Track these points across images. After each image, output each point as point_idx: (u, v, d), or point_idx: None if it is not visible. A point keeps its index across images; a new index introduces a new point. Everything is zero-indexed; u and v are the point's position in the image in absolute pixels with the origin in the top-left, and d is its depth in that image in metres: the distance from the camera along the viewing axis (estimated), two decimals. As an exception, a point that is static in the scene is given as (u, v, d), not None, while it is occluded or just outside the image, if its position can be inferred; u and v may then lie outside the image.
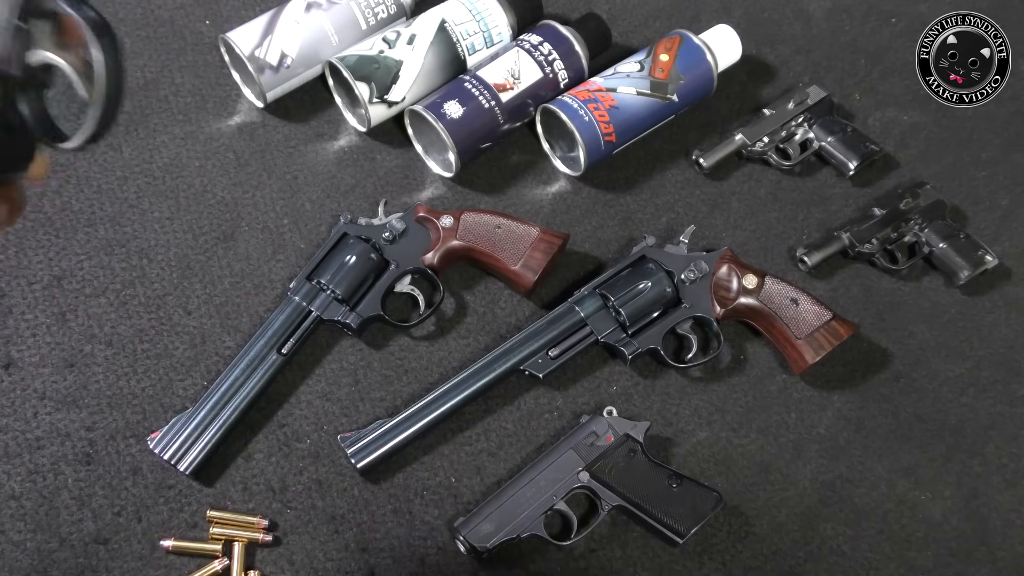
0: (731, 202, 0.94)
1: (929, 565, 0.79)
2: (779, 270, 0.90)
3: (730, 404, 0.84)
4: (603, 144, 0.89)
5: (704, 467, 0.81)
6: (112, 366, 0.79)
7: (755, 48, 1.04)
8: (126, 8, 0.96)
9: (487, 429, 0.81)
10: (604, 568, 0.76)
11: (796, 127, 0.96)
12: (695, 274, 0.83)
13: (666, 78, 0.91)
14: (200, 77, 0.94)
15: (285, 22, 0.89)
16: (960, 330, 0.90)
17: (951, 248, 0.90)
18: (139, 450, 0.76)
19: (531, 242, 0.83)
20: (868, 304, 0.90)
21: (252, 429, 0.78)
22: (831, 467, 0.82)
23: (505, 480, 0.77)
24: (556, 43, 0.91)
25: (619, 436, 0.78)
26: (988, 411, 0.86)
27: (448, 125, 0.86)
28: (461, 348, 0.84)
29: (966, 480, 0.83)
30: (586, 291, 0.82)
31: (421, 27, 0.90)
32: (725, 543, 0.78)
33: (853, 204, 0.96)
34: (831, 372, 0.86)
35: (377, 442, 0.76)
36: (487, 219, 0.84)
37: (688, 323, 0.83)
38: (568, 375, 0.83)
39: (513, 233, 0.83)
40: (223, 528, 0.74)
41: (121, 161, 0.88)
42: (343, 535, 0.75)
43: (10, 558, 0.72)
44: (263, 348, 0.78)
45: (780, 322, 0.82)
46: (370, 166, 0.92)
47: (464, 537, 0.73)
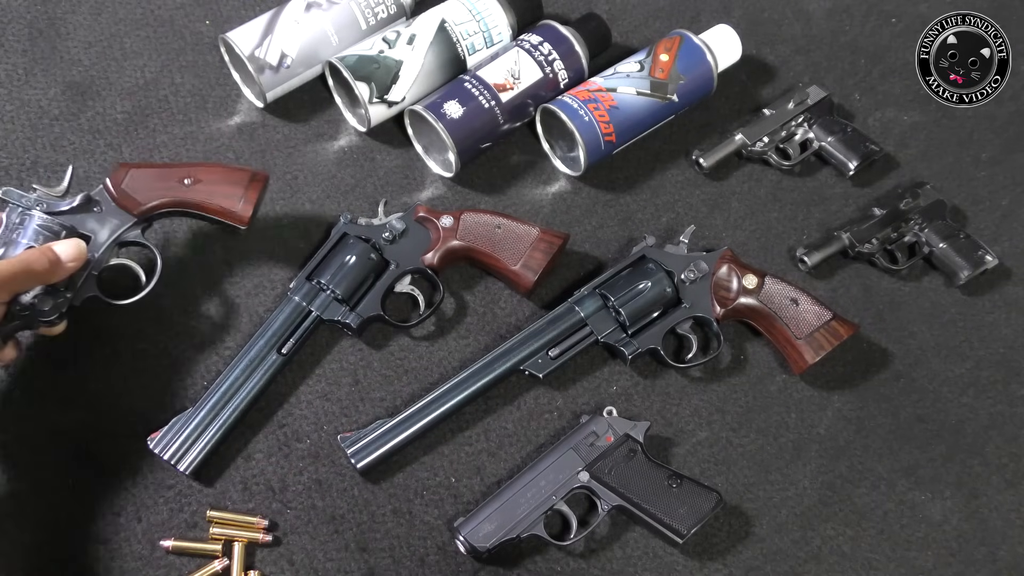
0: (731, 202, 0.94)
1: (929, 565, 0.79)
2: (779, 270, 0.90)
3: (730, 404, 0.84)
4: (603, 144, 0.89)
5: (704, 467, 0.81)
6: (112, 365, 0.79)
7: (755, 48, 1.04)
8: (126, 8, 0.96)
9: (487, 429, 0.81)
10: (604, 568, 0.76)
11: (796, 127, 0.96)
12: (695, 274, 0.83)
13: (666, 78, 0.91)
14: (200, 77, 0.94)
15: (285, 22, 0.89)
16: (960, 330, 0.90)
17: (951, 248, 0.90)
18: (139, 450, 0.76)
19: (531, 242, 0.83)
20: (868, 304, 0.90)
21: (252, 429, 0.78)
22: (831, 467, 0.82)
23: (505, 480, 0.77)
24: (556, 43, 0.91)
25: (619, 436, 0.78)
26: (988, 411, 0.86)
27: (448, 125, 0.86)
28: (461, 348, 0.84)
29: (966, 480, 0.83)
30: (586, 291, 0.82)
31: (421, 27, 0.90)
32: (725, 543, 0.78)
33: (853, 204, 0.96)
34: (831, 372, 0.86)
35: (377, 442, 0.76)
36: (487, 219, 0.84)
37: (688, 323, 0.83)
38: (568, 375, 0.83)
39: (513, 233, 0.83)
40: (223, 528, 0.74)
41: (121, 161, 0.88)
42: (343, 535, 0.75)
43: (10, 558, 0.72)
44: (263, 348, 0.78)
45: (780, 322, 0.82)
46: (370, 166, 0.92)
47: (464, 537, 0.73)
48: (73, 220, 0.74)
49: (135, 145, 0.89)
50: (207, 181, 0.77)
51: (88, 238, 0.74)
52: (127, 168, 0.77)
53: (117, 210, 0.75)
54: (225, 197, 0.78)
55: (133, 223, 0.76)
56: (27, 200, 0.73)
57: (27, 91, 0.91)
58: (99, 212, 0.75)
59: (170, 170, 0.78)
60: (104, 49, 0.94)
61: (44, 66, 0.92)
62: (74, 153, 0.88)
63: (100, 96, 0.91)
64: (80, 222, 0.74)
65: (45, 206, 0.73)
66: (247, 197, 0.78)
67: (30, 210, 0.72)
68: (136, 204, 0.76)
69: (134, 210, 0.76)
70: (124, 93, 0.92)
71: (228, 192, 0.78)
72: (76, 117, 0.90)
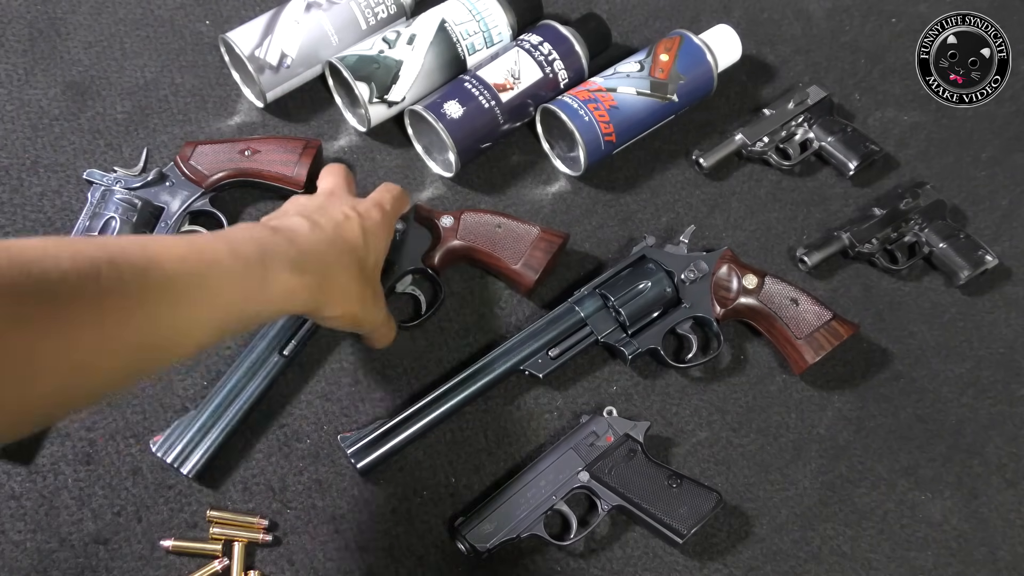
0: (731, 202, 0.94)
1: (929, 565, 0.79)
2: (779, 270, 0.90)
3: (730, 404, 0.84)
4: (603, 144, 0.89)
5: (704, 467, 0.81)
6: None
7: (755, 48, 1.04)
8: (126, 8, 0.96)
9: (487, 429, 0.81)
10: (604, 568, 0.76)
11: (796, 127, 0.96)
12: (695, 274, 0.83)
13: (666, 78, 0.91)
14: (200, 77, 0.94)
15: (285, 22, 0.89)
16: (960, 330, 0.90)
17: (951, 248, 0.90)
18: (139, 450, 0.76)
19: (531, 241, 0.83)
20: (868, 304, 0.90)
21: (252, 429, 0.78)
22: (831, 467, 0.82)
23: (505, 480, 0.77)
24: (556, 43, 0.91)
25: (619, 436, 0.78)
26: (988, 411, 0.86)
27: (448, 125, 0.86)
28: (461, 348, 0.84)
29: (966, 480, 0.83)
30: (586, 291, 0.82)
31: (421, 27, 0.90)
32: (725, 543, 0.78)
33: (853, 204, 0.96)
34: (831, 372, 0.86)
35: (377, 442, 0.76)
36: (487, 219, 0.84)
37: (688, 323, 0.83)
38: (568, 375, 0.83)
39: (513, 232, 0.83)
40: (223, 528, 0.74)
41: (121, 161, 0.88)
42: (343, 535, 0.75)
43: (10, 558, 0.72)
44: (265, 350, 0.78)
45: (780, 322, 0.82)
46: (370, 166, 0.92)
47: (464, 537, 0.73)
48: (148, 193, 0.83)
49: (135, 145, 0.89)
50: (264, 151, 0.86)
51: (162, 209, 0.83)
52: (193, 145, 0.86)
53: (186, 182, 0.84)
54: (282, 164, 0.85)
55: (201, 193, 0.84)
56: (108, 179, 0.83)
57: (27, 91, 0.91)
58: (171, 185, 0.84)
59: (231, 144, 0.86)
60: (104, 49, 0.94)
61: (44, 66, 0.92)
62: (74, 153, 0.88)
63: (100, 96, 0.91)
64: (154, 195, 0.84)
65: (124, 183, 0.83)
66: (301, 162, 0.85)
67: (112, 187, 0.82)
68: (203, 176, 0.85)
69: (202, 182, 0.85)
70: (124, 93, 0.92)
71: (284, 159, 0.85)
72: (76, 117, 0.90)
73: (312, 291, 0.62)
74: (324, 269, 0.64)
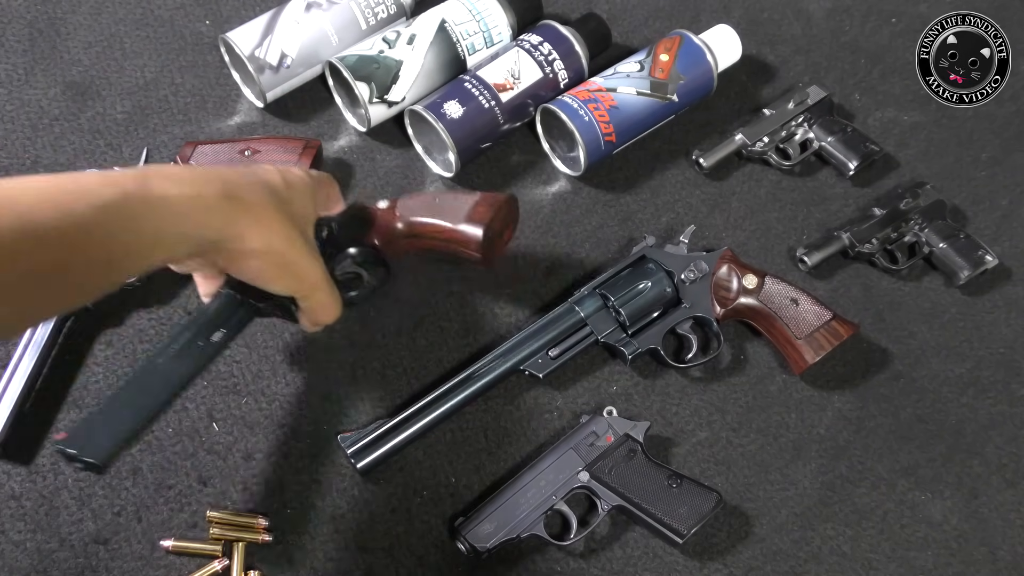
0: (731, 202, 0.94)
1: (929, 565, 0.79)
2: (779, 270, 0.90)
3: (730, 404, 0.84)
4: (603, 144, 0.89)
5: (704, 467, 0.81)
6: (112, 366, 0.79)
7: (755, 48, 1.04)
8: (126, 8, 0.96)
9: (487, 429, 0.81)
10: (604, 568, 0.76)
11: (796, 127, 0.96)
12: (695, 274, 0.83)
13: (666, 78, 0.91)
14: (200, 77, 0.94)
15: (285, 22, 0.89)
16: (960, 330, 0.90)
17: (951, 248, 0.90)
18: (138, 450, 0.76)
19: (473, 202, 0.78)
20: (868, 304, 0.90)
21: (252, 429, 0.78)
22: (831, 467, 0.82)
23: (505, 480, 0.77)
24: (556, 43, 0.91)
25: (619, 436, 0.78)
26: (988, 411, 0.86)
27: (448, 125, 0.86)
28: (461, 348, 0.84)
29: (966, 480, 0.83)
30: (586, 291, 0.82)
31: (421, 27, 0.90)
32: (725, 543, 0.78)
33: (853, 204, 0.96)
34: (831, 372, 0.86)
35: (377, 442, 0.76)
36: (424, 196, 0.80)
37: (688, 323, 0.83)
38: (568, 375, 0.83)
39: (452, 200, 0.78)
40: (223, 528, 0.74)
41: (121, 161, 0.88)
42: (343, 535, 0.75)
43: (10, 558, 0.72)
44: (191, 338, 0.68)
45: (780, 322, 0.82)
46: (370, 166, 0.92)
47: (464, 537, 0.73)
48: None
49: (135, 145, 0.89)
50: (264, 151, 0.85)
51: None
52: (193, 145, 0.85)
53: None
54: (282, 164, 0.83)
55: None
56: None
57: (27, 91, 0.91)
58: None
59: (231, 144, 0.86)
60: (104, 49, 0.94)
61: (44, 66, 0.92)
62: (74, 153, 0.88)
63: (100, 96, 0.91)
64: None
65: None
66: (301, 163, 0.85)
67: None
68: None
69: None
70: (124, 93, 0.92)
71: (284, 159, 0.85)
72: (76, 117, 0.90)
73: (227, 211, 0.59)
74: (236, 190, 0.60)
